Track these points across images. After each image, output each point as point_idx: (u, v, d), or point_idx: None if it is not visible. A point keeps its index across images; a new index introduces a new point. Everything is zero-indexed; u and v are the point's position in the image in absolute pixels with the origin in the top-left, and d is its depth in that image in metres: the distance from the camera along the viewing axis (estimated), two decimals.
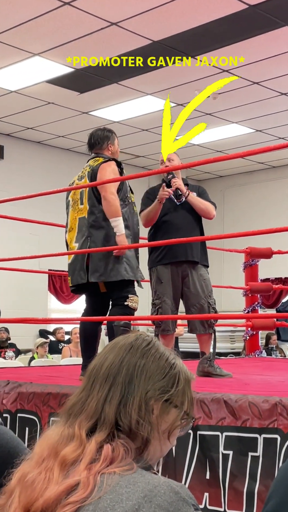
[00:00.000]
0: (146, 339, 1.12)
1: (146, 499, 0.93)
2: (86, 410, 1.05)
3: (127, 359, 1.08)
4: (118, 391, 1.05)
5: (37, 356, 7.92)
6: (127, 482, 0.95)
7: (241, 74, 7.22)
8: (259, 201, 11.48)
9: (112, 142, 3.69)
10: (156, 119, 8.77)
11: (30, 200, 6.46)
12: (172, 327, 3.61)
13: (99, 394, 1.06)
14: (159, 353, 1.11)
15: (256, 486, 2.06)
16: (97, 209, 3.46)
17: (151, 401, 1.05)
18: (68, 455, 1.00)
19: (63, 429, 1.05)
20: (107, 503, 0.93)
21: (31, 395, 2.83)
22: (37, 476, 0.99)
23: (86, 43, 6.41)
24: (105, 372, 1.08)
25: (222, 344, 9.00)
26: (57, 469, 0.99)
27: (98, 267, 3.39)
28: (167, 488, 0.94)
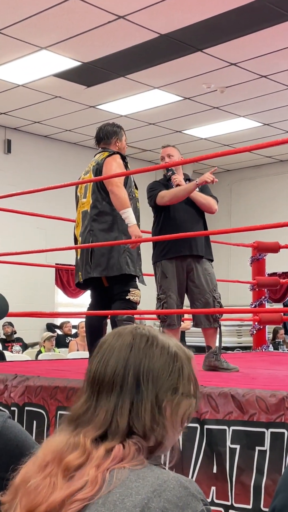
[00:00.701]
0: (143, 334, 1.08)
1: (156, 493, 0.93)
2: (94, 421, 1.02)
3: (130, 362, 1.04)
4: (128, 399, 1.02)
5: (44, 350, 7.95)
6: (137, 476, 0.96)
7: (248, 67, 7.18)
8: (266, 195, 11.44)
9: (120, 138, 3.69)
10: (163, 112, 8.75)
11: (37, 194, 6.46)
12: (177, 322, 3.61)
13: (107, 404, 1.02)
14: (160, 346, 1.07)
15: (263, 480, 2.06)
16: (100, 204, 3.47)
17: (163, 402, 1.03)
18: (72, 461, 0.99)
19: (68, 437, 1.02)
20: (116, 497, 0.93)
21: (39, 388, 2.84)
22: (41, 481, 0.98)
23: (93, 36, 6.39)
24: (110, 380, 1.04)
25: (229, 339, 9.00)
26: (60, 475, 0.98)
27: (101, 262, 3.41)
28: (177, 483, 0.94)
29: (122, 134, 3.72)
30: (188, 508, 0.92)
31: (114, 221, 3.46)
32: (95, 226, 3.47)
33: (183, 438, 2.25)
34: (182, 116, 8.94)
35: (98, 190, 3.50)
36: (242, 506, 2.10)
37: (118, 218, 3.47)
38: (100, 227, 3.46)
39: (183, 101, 8.28)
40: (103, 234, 3.44)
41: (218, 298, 3.56)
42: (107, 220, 3.46)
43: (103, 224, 3.46)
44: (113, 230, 3.45)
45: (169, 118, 9.00)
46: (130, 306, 3.43)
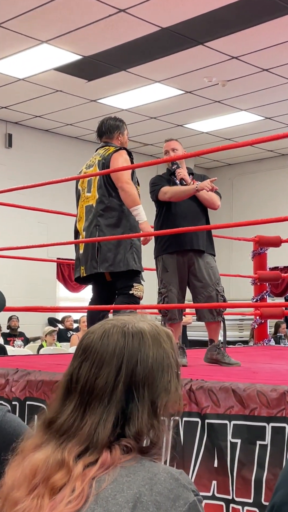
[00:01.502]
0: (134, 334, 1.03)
1: (147, 487, 0.93)
2: (79, 435, 1.00)
3: (123, 372, 1.01)
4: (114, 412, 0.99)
5: (46, 344, 7.96)
6: (127, 471, 0.96)
7: (250, 61, 7.15)
8: (268, 189, 11.42)
9: (122, 133, 3.68)
10: (164, 106, 8.73)
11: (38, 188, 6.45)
12: (178, 316, 3.61)
13: (93, 417, 1.00)
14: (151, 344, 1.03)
15: (264, 475, 2.07)
16: (107, 199, 3.46)
17: (158, 405, 1.02)
18: (57, 482, 0.97)
19: (55, 453, 1.00)
20: (108, 493, 0.94)
21: (40, 383, 2.84)
22: (29, 504, 0.97)
23: (94, 30, 6.37)
24: (99, 392, 1.01)
25: (230, 333, 9.00)
26: (47, 497, 0.97)
27: (108, 258, 3.40)
28: (167, 475, 0.95)
29: (124, 128, 3.71)
30: (179, 500, 0.93)
31: (121, 217, 3.46)
32: (101, 222, 3.45)
33: (184, 432, 2.25)
34: (184, 110, 8.91)
35: (105, 185, 3.49)
36: (243, 500, 2.10)
37: (125, 214, 3.46)
38: (106, 223, 3.45)
39: (185, 95, 8.25)
40: (109, 230, 3.44)
41: (221, 292, 3.55)
42: (114, 216, 3.45)
43: (110, 219, 3.45)
44: (120, 226, 3.44)
45: (170, 112, 8.97)
46: (133, 301, 3.43)
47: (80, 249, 3.61)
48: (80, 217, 3.62)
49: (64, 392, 1.05)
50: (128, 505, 0.92)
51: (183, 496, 0.93)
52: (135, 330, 1.04)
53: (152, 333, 1.05)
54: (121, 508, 0.92)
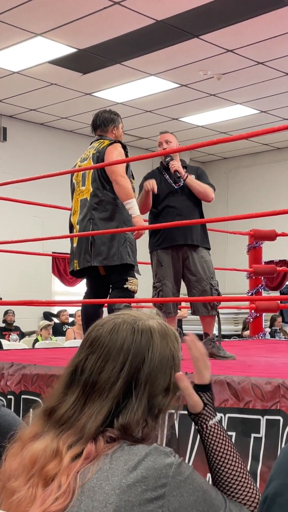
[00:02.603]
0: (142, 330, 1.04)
1: (131, 468, 0.95)
2: (75, 426, 1.01)
3: (126, 369, 1.02)
4: (109, 404, 1.01)
5: (41, 338, 7.96)
6: (110, 459, 0.97)
7: (245, 54, 7.13)
8: (263, 183, 11.42)
9: (117, 126, 3.67)
10: (159, 100, 8.70)
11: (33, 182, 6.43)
12: (173, 309, 3.62)
13: (90, 410, 1.01)
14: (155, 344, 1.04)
15: (259, 467, 2.08)
16: (101, 192, 3.45)
17: (155, 408, 1.03)
18: (50, 471, 0.99)
19: (51, 443, 1.01)
20: (94, 483, 0.95)
21: (35, 376, 2.84)
22: (25, 493, 0.98)
23: (89, 23, 6.34)
24: (101, 386, 1.02)
25: (225, 326, 9.02)
26: (41, 486, 0.98)
27: (101, 251, 3.40)
28: (147, 450, 0.96)
29: (119, 122, 3.70)
30: (166, 467, 0.95)
31: (115, 211, 3.45)
32: (95, 215, 3.45)
33: (179, 425, 2.26)
34: (179, 104, 8.89)
35: (99, 178, 3.48)
36: None
37: (119, 207, 3.45)
38: (100, 216, 3.44)
39: (180, 88, 8.23)
40: (103, 223, 3.43)
41: (215, 286, 3.56)
42: (108, 209, 3.45)
43: (104, 213, 3.45)
44: (114, 219, 3.44)
45: (165, 105, 8.95)
46: (127, 294, 3.43)
47: (74, 242, 3.60)
48: (74, 211, 3.61)
49: (67, 382, 1.06)
50: (115, 492, 0.93)
51: (168, 462, 0.95)
52: (144, 327, 1.05)
53: (161, 332, 1.07)
54: (109, 496, 0.93)
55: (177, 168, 3.57)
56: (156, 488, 0.93)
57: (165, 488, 0.93)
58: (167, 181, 3.63)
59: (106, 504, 0.92)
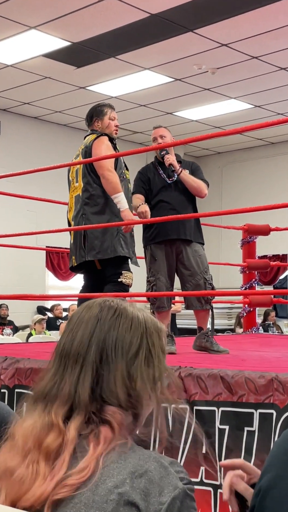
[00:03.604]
0: (111, 306, 1.08)
1: (137, 474, 0.94)
2: (61, 395, 1.03)
3: (96, 334, 1.04)
4: (90, 371, 1.03)
5: (35, 332, 7.96)
6: (119, 457, 0.97)
7: (240, 48, 7.12)
8: (257, 177, 11.43)
9: (100, 118, 3.64)
10: (154, 94, 8.68)
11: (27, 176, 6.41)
12: (167, 304, 3.62)
13: (71, 377, 1.03)
14: (129, 319, 1.06)
15: (252, 461, 2.09)
16: (91, 187, 3.46)
17: (134, 374, 1.03)
18: (50, 445, 0.99)
19: (42, 417, 1.02)
20: (98, 478, 0.95)
21: (29, 370, 2.84)
22: (25, 470, 0.98)
23: (83, 16, 6.31)
24: (74, 352, 1.04)
25: (219, 321, 9.05)
26: (42, 461, 0.99)
27: (95, 245, 3.41)
28: (157, 463, 0.96)
29: (105, 113, 3.65)
30: (168, 487, 0.94)
31: (106, 204, 3.46)
32: (87, 210, 3.46)
33: (173, 419, 2.26)
34: (173, 98, 8.88)
35: (88, 173, 3.49)
36: None
37: (110, 200, 3.46)
38: (92, 210, 3.45)
39: (174, 82, 8.21)
40: (95, 217, 3.44)
41: (209, 280, 3.56)
42: (99, 203, 3.45)
43: (95, 207, 3.45)
44: (105, 212, 3.44)
45: (159, 99, 8.93)
46: (122, 288, 3.44)
47: (71, 239, 3.62)
48: (70, 208, 3.64)
49: (49, 363, 1.09)
50: (117, 490, 0.93)
51: (172, 484, 0.94)
52: (114, 304, 1.09)
53: (133, 315, 1.08)
54: (110, 493, 0.93)
55: (172, 161, 3.57)
56: (154, 503, 0.92)
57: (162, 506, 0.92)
58: (160, 176, 3.63)
59: (107, 500, 0.93)
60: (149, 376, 1.05)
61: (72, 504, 0.94)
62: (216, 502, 2.15)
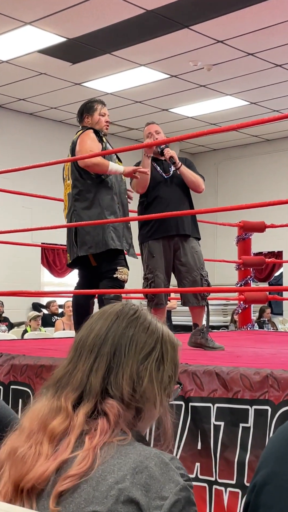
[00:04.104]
0: (132, 308, 1.12)
1: (137, 470, 0.95)
2: (72, 382, 1.06)
3: (113, 329, 1.08)
4: (104, 362, 1.06)
5: (30, 329, 7.95)
6: (119, 453, 0.97)
7: (235, 45, 7.11)
8: (253, 174, 11.43)
9: (90, 114, 3.63)
10: (149, 91, 8.67)
11: (22, 172, 6.39)
12: (164, 301, 3.63)
13: (85, 366, 1.06)
14: (147, 322, 1.10)
15: (247, 456, 2.09)
16: (79, 182, 3.47)
17: (143, 373, 1.06)
18: (56, 428, 1.01)
19: (51, 401, 1.05)
20: (98, 474, 0.95)
21: (24, 367, 2.84)
22: (28, 450, 1.00)
23: (79, 12, 6.28)
24: (90, 343, 1.08)
25: (214, 318, 9.05)
26: (46, 442, 1.01)
27: (86, 240, 3.41)
28: (158, 459, 0.96)
29: (95, 109, 3.64)
30: (170, 483, 0.94)
31: (95, 198, 3.46)
32: (77, 206, 3.47)
33: None
34: (169, 94, 8.86)
35: (76, 169, 3.50)
36: (226, 482, 2.13)
37: (98, 194, 3.46)
38: (82, 206, 3.46)
39: (170, 79, 8.20)
40: (85, 212, 3.44)
41: (205, 276, 3.57)
42: (88, 198, 3.46)
43: (85, 202, 3.46)
44: (94, 206, 3.44)
45: (155, 96, 8.92)
46: (117, 284, 3.43)
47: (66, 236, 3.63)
48: (65, 206, 3.64)
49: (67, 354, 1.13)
50: (117, 486, 0.93)
51: (173, 480, 0.94)
52: (135, 307, 1.13)
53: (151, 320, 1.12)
54: (110, 488, 0.93)
55: (173, 154, 3.58)
56: (155, 499, 0.93)
57: (164, 501, 0.93)
58: (157, 171, 3.63)
59: (107, 495, 0.93)
60: (158, 378, 1.07)
61: (71, 499, 0.95)
62: (211, 498, 2.16)
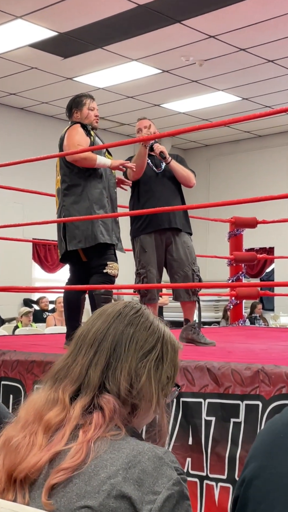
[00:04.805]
0: (135, 307, 1.13)
1: (130, 464, 0.95)
2: (71, 375, 1.07)
3: (114, 326, 1.09)
4: (104, 357, 1.06)
5: (21, 325, 7.93)
6: (112, 448, 0.97)
7: (227, 40, 7.10)
8: (244, 170, 11.45)
9: (79, 109, 3.61)
10: (141, 86, 8.64)
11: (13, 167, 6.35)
12: (157, 296, 3.63)
13: (84, 359, 1.07)
14: (149, 322, 1.11)
15: (238, 451, 2.10)
16: (68, 178, 3.46)
17: (140, 371, 1.06)
18: (52, 419, 1.02)
19: (48, 393, 1.06)
20: (91, 469, 0.95)
21: (15, 363, 2.83)
22: (22, 440, 1.01)
23: (70, 6, 6.25)
24: (91, 338, 1.09)
25: (206, 313, 9.08)
26: (41, 433, 1.01)
27: (75, 235, 3.39)
28: (151, 453, 0.96)
29: (83, 104, 3.61)
30: (163, 477, 0.94)
31: (83, 192, 3.45)
32: (66, 201, 3.46)
33: None
34: (161, 90, 8.84)
35: (64, 164, 3.49)
36: (217, 477, 2.14)
37: (86, 188, 3.45)
38: (70, 201, 3.45)
39: (162, 74, 8.18)
40: (74, 207, 3.43)
41: (197, 272, 3.57)
42: (76, 192, 3.45)
43: (73, 197, 3.45)
44: (83, 200, 3.43)
45: (147, 91, 8.90)
46: (108, 279, 3.42)
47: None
48: (56, 201, 3.63)
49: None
50: (109, 481, 0.93)
51: (166, 474, 0.94)
52: (138, 306, 1.13)
53: (154, 320, 1.13)
54: (103, 483, 0.93)
55: (162, 149, 3.58)
56: (148, 493, 0.93)
57: (157, 496, 0.93)
58: (148, 166, 3.62)
59: (99, 490, 0.93)
60: (156, 377, 1.08)
61: (63, 493, 0.95)
62: (202, 493, 2.16)
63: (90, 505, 0.92)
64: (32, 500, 0.97)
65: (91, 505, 0.92)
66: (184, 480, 0.97)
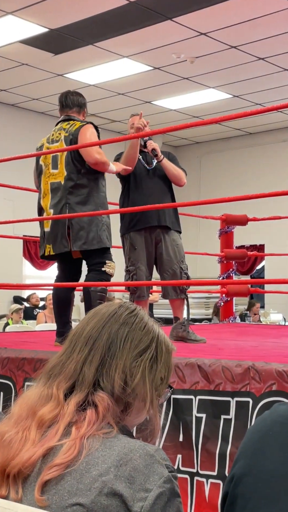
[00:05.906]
0: (129, 307, 1.14)
1: (122, 462, 0.95)
2: (65, 372, 1.07)
3: (109, 325, 1.10)
4: (98, 354, 1.07)
5: (12, 322, 7.91)
6: (104, 446, 0.98)
7: (218, 38, 7.11)
8: (235, 167, 11.47)
9: (85, 110, 3.66)
10: (132, 82, 8.63)
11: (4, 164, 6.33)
12: (146, 293, 3.63)
13: (79, 356, 1.08)
14: (143, 322, 1.12)
15: (228, 448, 2.11)
16: (76, 176, 3.40)
17: (135, 370, 1.07)
18: (45, 415, 1.02)
19: (42, 389, 1.07)
20: (83, 466, 0.95)
21: (6, 360, 2.82)
22: (15, 435, 1.01)
23: (61, 2, 6.23)
24: (86, 336, 1.09)
25: (196, 311, 9.09)
26: (34, 428, 1.01)
27: (81, 236, 3.37)
28: (143, 451, 0.96)
29: (86, 105, 3.70)
30: (154, 475, 0.94)
31: (89, 194, 3.42)
32: (71, 199, 3.40)
33: None
34: (152, 87, 8.84)
35: (73, 162, 3.42)
36: (207, 473, 2.14)
37: (93, 191, 3.43)
38: (76, 200, 3.41)
39: (153, 71, 8.17)
40: (80, 207, 3.40)
41: (185, 270, 3.58)
42: (83, 193, 3.42)
43: (79, 197, 3.41)
44: (89, 203, 3.41)
45: (138, 88, 8.89)
46: (104, 277, 3.42)
47: (46, 226, 3.54)
48: (44, 194, 3.54)
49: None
50: (101, 479, 0.93)
51: (158, 472, 0.95)
52: (133, 307, 1.14)
53: (148, 321, 1.14)
54: (94, 481, 0.93)
55: (155, 146, 3.58)
56: (140, 491, 0.93)
57: (148, 493, 0.93)
58: (140, 163, 3.62)
59: (90, 488, 0.93)
60: (150, 377, 1.09)
61: (55, 490, 0.95)
62: (193, 490, 2.17)
63: (82, 503, 0.92)
64: (24, 495, 0.97)
65: (83, 503, 0.92)
66: (175, 478, 0.97)
